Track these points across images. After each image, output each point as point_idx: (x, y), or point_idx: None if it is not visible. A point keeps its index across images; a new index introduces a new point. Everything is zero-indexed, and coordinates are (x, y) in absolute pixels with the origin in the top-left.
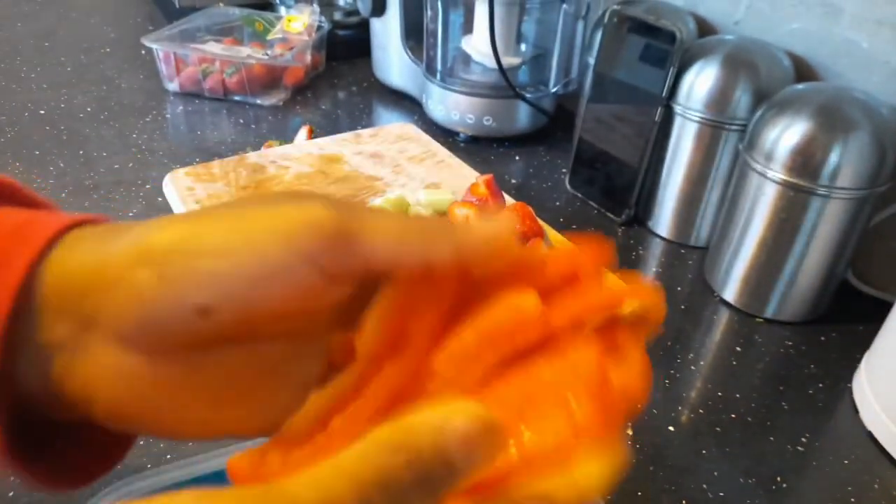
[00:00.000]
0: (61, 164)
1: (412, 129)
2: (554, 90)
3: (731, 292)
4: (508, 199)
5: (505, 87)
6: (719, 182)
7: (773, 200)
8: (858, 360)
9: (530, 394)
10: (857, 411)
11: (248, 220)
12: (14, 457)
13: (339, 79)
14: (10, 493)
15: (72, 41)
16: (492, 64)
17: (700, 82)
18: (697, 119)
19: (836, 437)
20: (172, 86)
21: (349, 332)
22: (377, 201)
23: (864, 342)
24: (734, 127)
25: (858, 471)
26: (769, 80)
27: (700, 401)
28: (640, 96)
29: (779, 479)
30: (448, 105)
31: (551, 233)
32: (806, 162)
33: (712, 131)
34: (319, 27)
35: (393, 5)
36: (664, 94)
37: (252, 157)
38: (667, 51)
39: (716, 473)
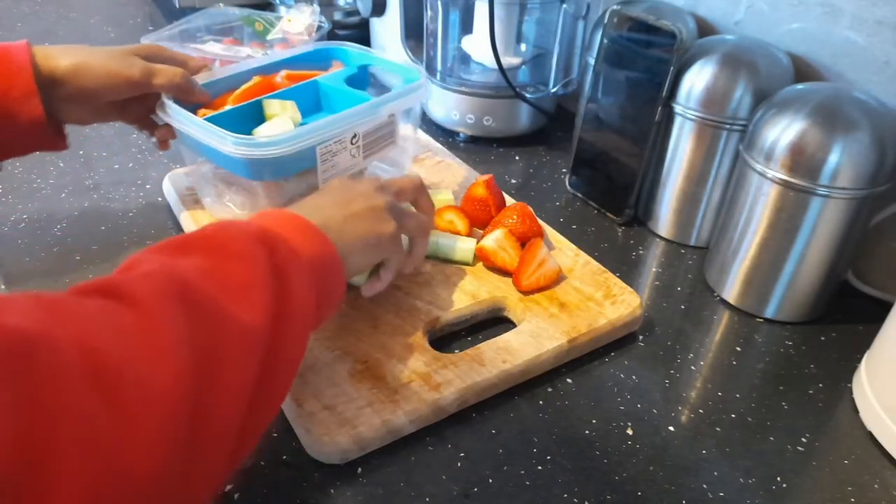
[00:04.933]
0: (61, 164)
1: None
2: (554, 90)
3: (731, 292)
4: (508, 199)
5: (505, 87)
6: (719, 182)
7: (773, 200)
8: (858, 360)
9: None
10: (857, 411)
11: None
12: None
13: None
14: None
15: (72, 41)
16: (492, 64)
17: (700, 82)
18: (697, 119)
19: (836, 437)
20: None
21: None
22: None
23: (864, 342)
24: (734, 127)
25: (858, 471)
26: (769, 79)
27: (700, 401)
28: (640, 96)
29: (779, 479)
30: (448, 105)
31: (551, 233)
32: (806, 162)
33: (712, 131)
34: (319, 27)
35: (393, 5)
36: (664, 94)
37: None
38: (667, 51)
39: (716, 473)
